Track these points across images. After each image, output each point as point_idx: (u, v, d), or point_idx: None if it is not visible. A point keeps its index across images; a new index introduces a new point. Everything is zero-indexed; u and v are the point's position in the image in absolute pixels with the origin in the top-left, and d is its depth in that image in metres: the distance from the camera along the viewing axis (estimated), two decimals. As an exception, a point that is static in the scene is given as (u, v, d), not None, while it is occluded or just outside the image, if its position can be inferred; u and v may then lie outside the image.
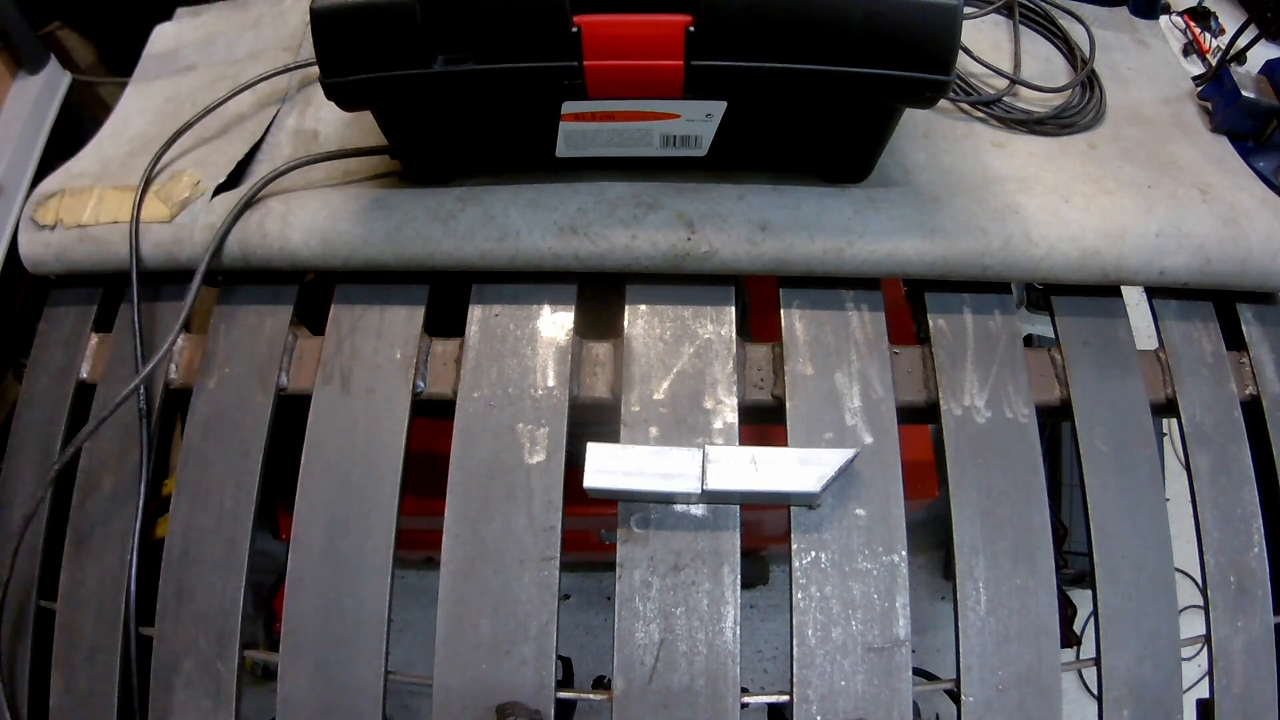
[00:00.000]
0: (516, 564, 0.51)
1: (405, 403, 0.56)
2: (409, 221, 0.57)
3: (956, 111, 0.68)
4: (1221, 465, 0.55)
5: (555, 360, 0.56)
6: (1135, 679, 0.50)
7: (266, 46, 0.76)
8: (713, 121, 0.53)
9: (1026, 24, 0.78)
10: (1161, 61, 0.78)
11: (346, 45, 0.48)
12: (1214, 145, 0.69)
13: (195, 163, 0.65)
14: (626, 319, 0.58)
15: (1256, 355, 0.59)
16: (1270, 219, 0.60)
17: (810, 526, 0.51)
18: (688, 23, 0.45)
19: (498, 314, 0.58)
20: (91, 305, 0.63)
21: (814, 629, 0.49)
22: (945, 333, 0.58)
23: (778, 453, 0.51)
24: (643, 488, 0.50)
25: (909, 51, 0.46)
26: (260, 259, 0.58)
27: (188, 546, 0.54)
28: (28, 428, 0.60)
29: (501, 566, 0.51)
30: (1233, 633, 0.52)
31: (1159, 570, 0.52)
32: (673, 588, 0.50)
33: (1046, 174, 0.62)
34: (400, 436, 0.55)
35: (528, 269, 0.57)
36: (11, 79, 0.78)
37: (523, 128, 0.55)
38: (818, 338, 0.57)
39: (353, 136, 0.65)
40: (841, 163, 0.59)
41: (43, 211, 0.63)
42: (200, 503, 0.55)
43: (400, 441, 0.54)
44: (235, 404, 0.57)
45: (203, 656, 0.51)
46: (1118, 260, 0.57)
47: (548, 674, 0.49)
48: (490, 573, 0.51)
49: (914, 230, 0.57)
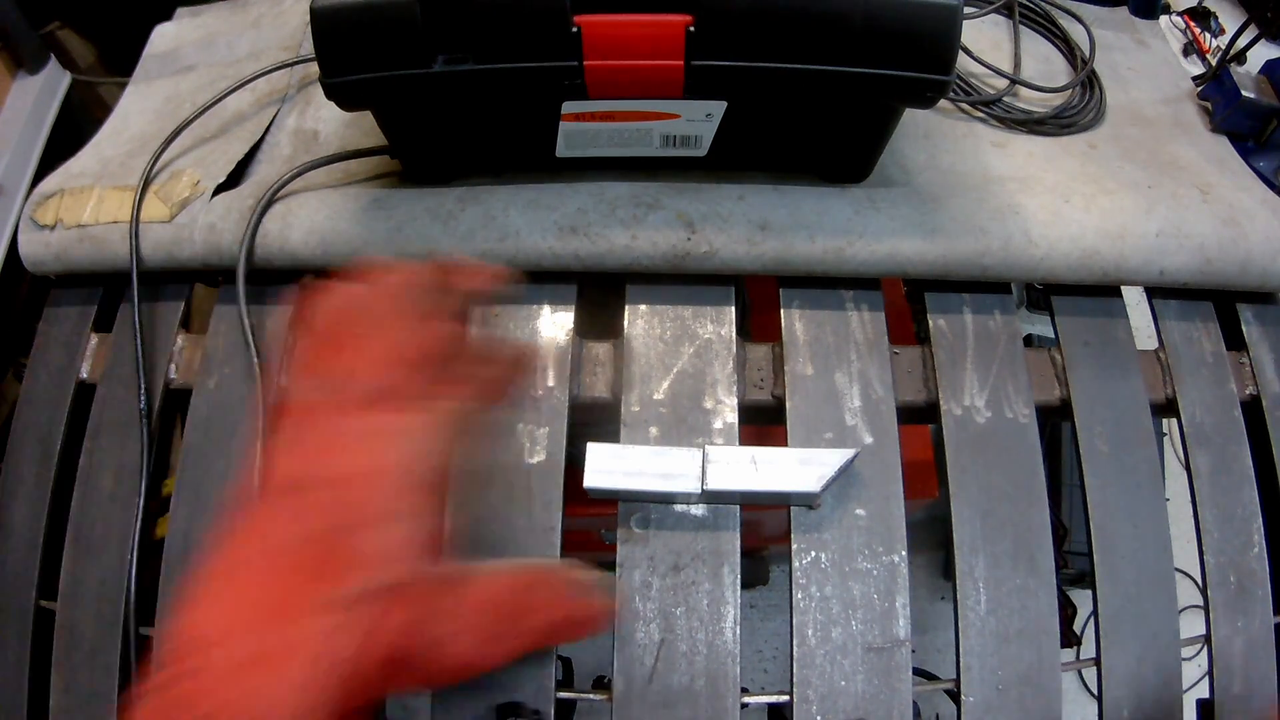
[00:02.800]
0: (516, 564, 0.51)
1: (405, 403, 0.55)
2: (409, 221, 0.57)
3: (956, 111, 0.68)
4: (1221, 465, 0.55)
5: (555, 360, 0.56)
6: (1135, 679, 0.50)
7: (266, 46, 0.76)
8: (713, 121, 0.53)
9: (1026, 24, 0.78)
10: (1161, 61, 0.78)
11: (346, 45, 0.48)
12: (1214, 145, 0.69)
13: (195, 162, 0.65)
14: (626, 319, 0.58)
15: (1256, 355, 0.59)
16: (1270, 219, 0.60)
17: (810, 526, 0.51)
18: (688, 23, 0.45)
19: (497, 314, 0.58)
20: (91, 305, 0.63)
21: (814, 629, 0.49)
22: (945, 333, 0.58)
23: (778, 453, 0.51)
24: (642, 488, 0.50)
25: (909, 51, 0.46)
26: (260, 259, 0.58)
27: (188, 546, 0.54)
28: (28, 428, 0.60)
29: (501, 566, 0.51)
30: (1233, 633, 0.52)
31: (1159, 570, 0.52)
32: (673, 588, 0.50)
33: (1046, 174, 0.62)
34: (400, 436, 0.54)
35: (528, 269, 0.57)
36: (11, 79, 0.78)
37: (523, 128, 0.55)
38: (818, 338, 0.57)
39: (353, 136, 0.65)
40: (841, 163, 0.59)
41: (42, 211, 0.63)
42: (200, 503, 0.55)
43: (400, 441, 0.54)
44: (235, 404, 0.57)
45: (203, 656, 0.51)
46: (1118, 260, 0.57)
47: (548, 674, 0.49)
48: (490, 573, 0.51)
49: (914, 230, 0.57)
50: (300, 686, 0.27)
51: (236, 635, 0.28)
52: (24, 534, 0.57)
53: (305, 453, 0.32)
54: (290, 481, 0.31)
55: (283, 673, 0.28)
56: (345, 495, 0.30)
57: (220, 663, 0.28)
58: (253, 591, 0.29)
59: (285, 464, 0.32)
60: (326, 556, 0.29)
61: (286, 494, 0.31)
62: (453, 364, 0.35)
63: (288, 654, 0.28)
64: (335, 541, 0.30)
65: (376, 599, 0.29)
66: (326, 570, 0.29)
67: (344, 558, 0.29)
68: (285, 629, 0.28)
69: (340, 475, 0.31)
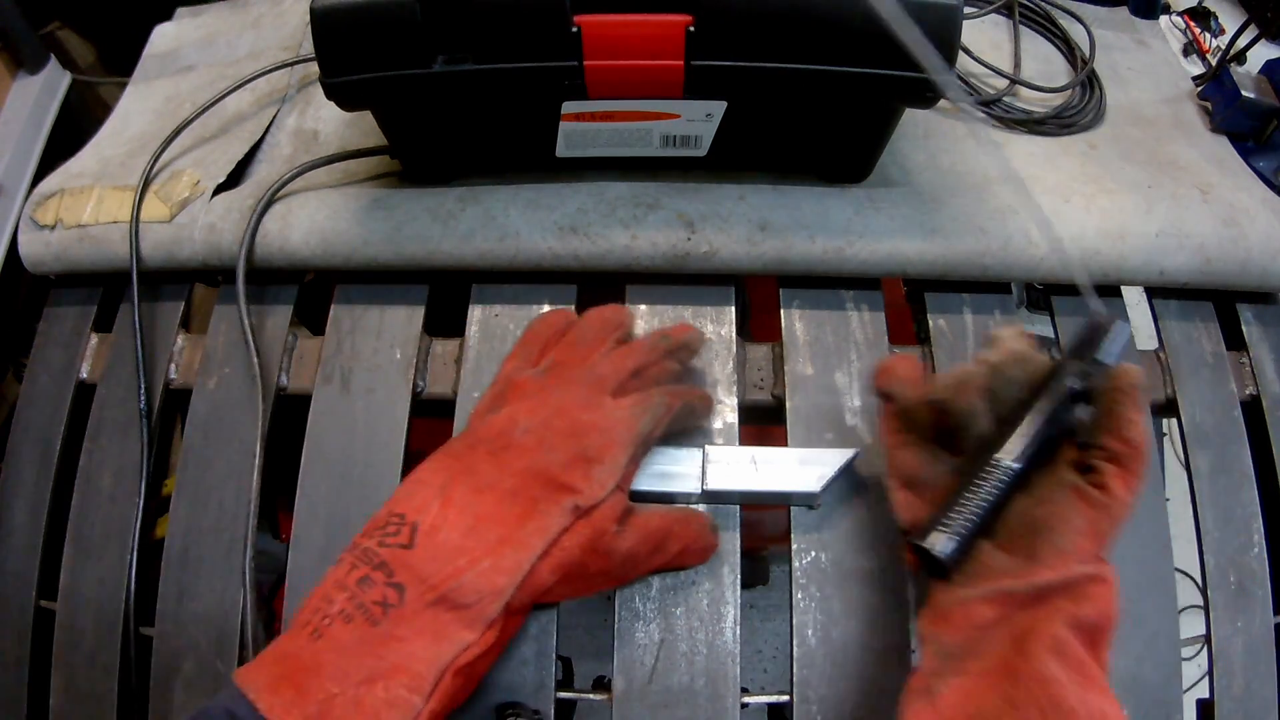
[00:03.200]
0: (516, 564, 0.51)
1: (405, 403, 0.56)
2: (409, 221, 0.57)
3: (956, 111, 0.68)
4: (1221, 465, 0.55)
5: (555, 360, 0.56)
6: (1135, 679, 0.50)
7: (267, 46, 0.76)
8: (713, 121, 0.53)
9: (1026, 24, 0.78)
10: (1161, 61, 0.78)
11: (346, 45, 0.48)
12: (1214, 145, 0.69)
13: (195, 162, 0.65)
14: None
15: (1256, 355, 0.59)
16: (1270, 219, 0.60)
17: (810, 526, 0.51)
18: (688, 23, 0.45)
19: (498, 314, 0.58)
20: (91, 305, 0.63)
21: (814, 629, 0.49)
22: (945, 333, 0.58)
23: (778, 453, 0.51)
24: (642, 487, 0.50)
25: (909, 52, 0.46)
26: (260, 259, 0.58)
27: (188, 546, 0.54)
28: (28, 428, 0.60)
29: (501, 566, 0.51)
30: (1233, 633, 0.52)
31: (1159, 570, 0.52)
32: (672, 588, 0.50)
33: (1046, 174, 0.62)
34: (400, 436, 0.55)
35: (528, 269, 0.57)
36: (11, 79, 0.78)
37: (523, 128, 0.55)
38: (818, 338, 0.57)
39: (353, 136, 0.65)
40: (841, 163, 0.59)
41: (42, 211, 0.63)
42: (200, 503, 0.55)
43: (400, 441, 0.54)
44: (235, 404, 0.57)
45: (203, 656, 0.51)
46: (1118, 260, 0.57)
47: (548, 674, 0.49)
48: (490, 573, 0.51)
49: (914, 230, 0.57)
50: (514, 569, 0.39)
51: (482, 525, 0.40)
52: (24, 534, 0.57)
53: (548, 411, 0.44)
54: (532, 427, 0.43)
55: (506, 556, 0.39)
56: (584, 440, 0.43)
57: (470, 544, 0.40)
58: (497, 498, 0.41)
59: (527, 418, 0.44)
60: (560, 479, 0.41)
61: (528, 435, 0.43)
62: (654, 375, 0.49)
63: (518, 544, 0.40)
64: (568, 469, 0.42)
65: (582, 515, 0.41)
66: (560, 488, 0.41)
67: (571, 480, 0.41)
68: (525, 523, 0.40)
69: (583, 426, 0.43)
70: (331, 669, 0.36)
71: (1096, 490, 0.39)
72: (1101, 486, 0.39)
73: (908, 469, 0.45)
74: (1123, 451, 0.40)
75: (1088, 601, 0.37)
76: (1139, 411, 0.40)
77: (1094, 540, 0.39)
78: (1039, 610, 0.37)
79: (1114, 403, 0.41)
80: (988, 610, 0.38)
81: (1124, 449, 0.40)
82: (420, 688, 0.37)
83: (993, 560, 0.40)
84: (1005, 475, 0.40)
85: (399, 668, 0.36)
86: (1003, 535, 0.41)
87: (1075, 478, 0.40)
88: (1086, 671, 0.36)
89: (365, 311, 0.59)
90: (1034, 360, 0.44)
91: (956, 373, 0.44)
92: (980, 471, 0.41)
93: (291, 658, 0.37)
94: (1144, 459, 0.40)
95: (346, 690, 0.35)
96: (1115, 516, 0.39)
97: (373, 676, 0.36)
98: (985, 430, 0.43)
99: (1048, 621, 0.37)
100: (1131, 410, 0.40)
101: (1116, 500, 0.39)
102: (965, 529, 0.40)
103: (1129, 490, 0.39)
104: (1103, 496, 0.39)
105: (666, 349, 0.50)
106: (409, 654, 0.37)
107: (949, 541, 0.39)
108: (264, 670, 0.37)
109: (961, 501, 0.40)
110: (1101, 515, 0.39)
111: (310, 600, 0.39)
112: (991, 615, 0.38)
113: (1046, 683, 0.35)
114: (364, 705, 0.35)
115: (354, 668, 0.36)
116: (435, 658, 0.37)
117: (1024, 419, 0.41)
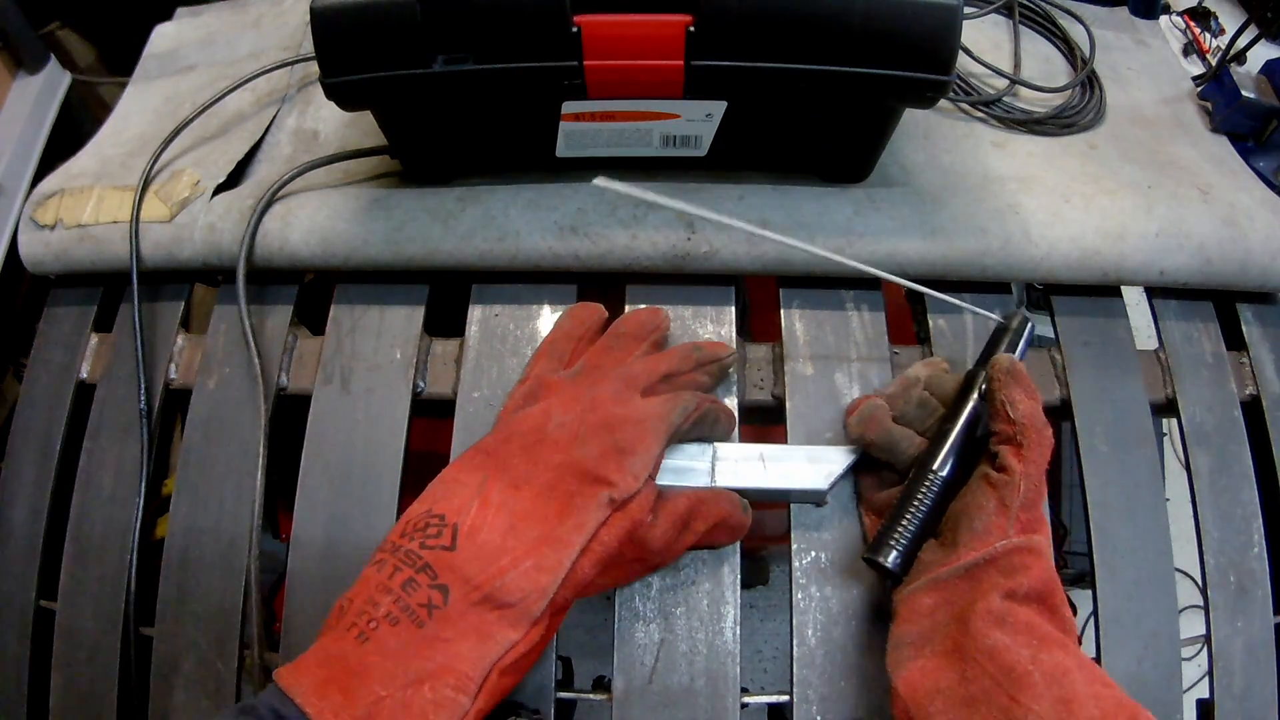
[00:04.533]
0: (516, 564, 0.51)
1: (405, 403, 0.56)
2: (409, 221, 0.57)
3: (956, 111, 0.68)
4: (1221, 465, 0.55)
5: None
6: (1135, 679, 0.50)
7: (267, 46, 0.76)
8: (713, 121, 0.53)
9: (1026, 24, 0.78)
10: (1161, 61, 0.78)
11: (346, 45, 0.48)
12: (1214, 145, 0.69)
13: (195, 162, 0.65)
14: (626, 319, 0.58)
15: (1256, 355, 0.59)
16: (1270, 219, 0.60)
17: (810, 526, 0.51)
18: (688, 23, 0.45)
19: (498, 314, 0.58)
20: (91, 305, 0.63)
21: (814, 629, 0.49)
22: (945, 333, 0.58)
23: (786, 450, 0.51)
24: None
25: (909, 51, 0.46)
26: (260, 259, 0.58)
27: (188, 546, 0.54)
28: (28, 428, 0.60)
29: (501, 566, 0.51)
30: (1233, 633, 0.52)
31: (1159, 570, 0.52)
32: (673, 587, 0.50)
33: (1046, 174, 0.62)
34: (400, 437, 0.55)
35: (528, 269, 0.57)
36: (11, 79, 0.78)
37: (522, 128, 0.55)
38: (818, 338, 0.57)
39: (353, 136, 0.65)
40: (841, 163, 0.59)
41: (42, 211, 0.63)
42: (200, 503, 0.55)
43: (400, 442, 0.54)
44: (235, 404, 0.57)
45: (203, 656, 0.51)
46: (1118, 260, 0.57)
47: (548, 674, 0.49)
48: (490, 573, 0.51)
49: (914, 230, 0.57)
50: (556, 568, 0.40)
51: (521, 524, 0.41)
52: (24, 534, 0.57)
53: (581, 406, 0.45)
54: (566, 422, 0.44)
55: (547, 555, 0.40)
56: (617, 433, 0.43)
57: (511, 543, 0.40)
58: (534, 493, 0.42)
59: (560, 413, 0.45)
60: (595, 472, 0.42)
61: (562, 430, 0.44)
62: (683, 383, 0.50)
63: (558, 542, 0.40)
64: (603, 461, 0.42)
65: (618, 507, 0.42)
66: (595, 481, 0.42)
67: (606, 473, 0.42)
68: (564, 520, 0.41)
69: (616, 419, 0.44)
70: (378, 672, 0.36)
71: (997, 473, 0.43)
72: (1002, 468, 0.43)
73: (867, 494, 0.51)
74: (1010, 431, 0.44)
75: (1019, 572, 0.41)
76: (1019, 391, 0.44)
77: (1005, 516, 0.42)
78: (974, 589, 0.41)
79: (993, 390, 0.45)
80: (926, 599, 0.43)
81: (1010, 428, 0.44)
82: (467, 688, 0.37)
83: (927, 555, 0.44)
84: (936, 484, 0.46)
85: (446, 669, 0.37)
86: (942, 534, 0.45)
87: (986, 468, 0.45)
88: (1038, 632, 0.39)
89: (365, 311, 0.59)
90: (945, 380, 0.50)
91: (862, 410, 0.50)
92: (919, 486, 0.46)
93: (337, 661, 0.37)
94: (1034, 431, 0.43)
95: (394, 692, 0.36)
96: (1019, 490, 0.42)
97: (420, 678, 0.36)
98: (918, 450, 0.48)
99: (984, 598, 0.40)
100: (1011, 391, 0.44)
101: (1016, 475, 0.42)
102: (908, 537, 0.45)
103: (1025, 463, 0.43)
104: (1003, 476, 0.43)
105: (699, 360, 0.51)
106: (455, 654, 0.37)
107: (891, 551, 0.45)
108: (309, 673, 0.37)
109: (904, 514, 0.46)
110: (1007, 492, 0.42)
111: (354, 603, 0.39)
112: (930, 602, 0.42)
113: (993, 652, 0.38)
114: (411, 707, 0.36)
115: (401, 670, 0.36)
116: (481, 658, 0.38)
117: (949, 431, 0.47)
